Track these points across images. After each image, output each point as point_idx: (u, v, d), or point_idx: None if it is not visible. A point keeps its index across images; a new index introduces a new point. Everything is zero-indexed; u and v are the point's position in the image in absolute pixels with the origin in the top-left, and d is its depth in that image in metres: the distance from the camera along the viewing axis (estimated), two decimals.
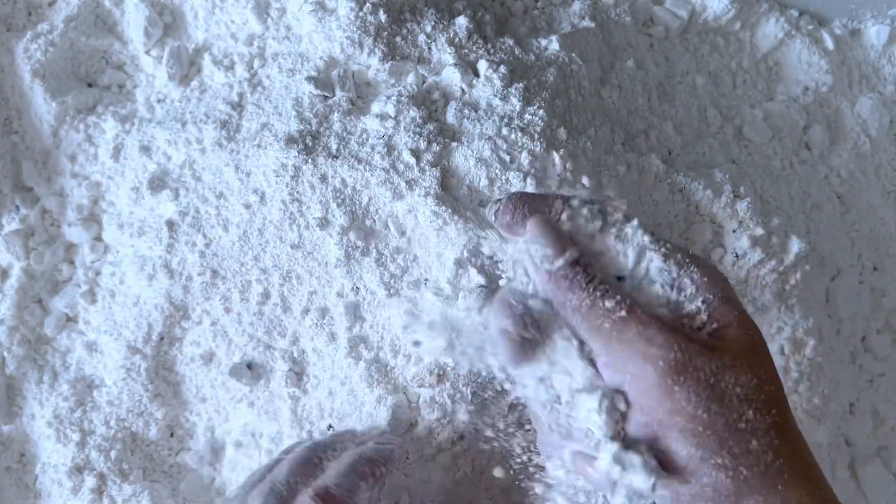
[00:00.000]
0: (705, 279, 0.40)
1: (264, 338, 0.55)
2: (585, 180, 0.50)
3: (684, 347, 0.37)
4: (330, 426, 0.53)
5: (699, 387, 0.37)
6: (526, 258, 0.41)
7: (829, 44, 0.67)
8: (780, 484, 0.36)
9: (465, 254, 0.49)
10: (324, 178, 0.52)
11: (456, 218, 0.49)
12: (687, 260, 0.41)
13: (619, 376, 0.38)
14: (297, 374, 0.54)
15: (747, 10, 0.66)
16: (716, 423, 0.37)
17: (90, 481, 0.56)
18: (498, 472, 0.50)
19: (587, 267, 0.40)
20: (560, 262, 0.40)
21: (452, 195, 0.50)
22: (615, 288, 0.40)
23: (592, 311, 0.39)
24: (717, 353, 0.38)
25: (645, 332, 0.38)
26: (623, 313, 0.38)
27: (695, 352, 0.37)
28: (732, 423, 0.37)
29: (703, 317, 0.40)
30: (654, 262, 0.41)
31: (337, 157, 0.52)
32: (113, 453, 0.56)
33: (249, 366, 0.55)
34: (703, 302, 0.40)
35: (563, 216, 0.41)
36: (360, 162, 0.51)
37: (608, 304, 0.39)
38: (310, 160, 0.52)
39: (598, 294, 0.39)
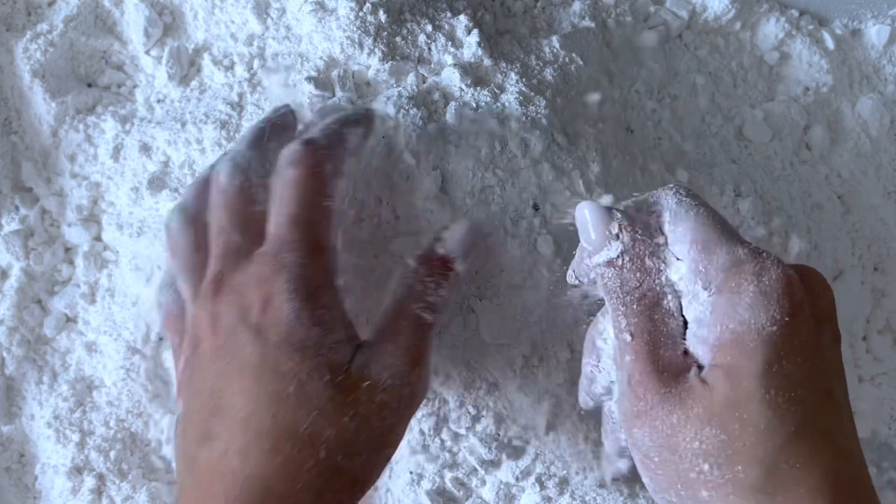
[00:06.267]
0: (727, 306, 0.37)
1: None
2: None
3: (648, 398, 0.37)
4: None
5: (654, 434, 0.37)
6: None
7: (830, 44, 0.67)
8: None
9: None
10: None
11: (454, 220, 0.50)
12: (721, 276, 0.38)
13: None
14: None
15: (747, 11, 0.66)
16: (666, 467, 0.37)
17: (90, 482, 0.56)
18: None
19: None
20: (611, 253, 0.40)
21: (451, 197, 0.50)
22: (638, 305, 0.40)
23: (614, 314, 0.40)
24: (686, 404, 0.37)
25: (634, 365, 0.38)
26: (627, 337, 0.39)
27: (657, 402, 0.37)
28: (684, 471, 0.36)
29: (701, 350, 0.38)
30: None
31: None
32: (112, 454, 0.56)
33: None
34: (710, 331, 0.38)
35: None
36: (359, 163, 0.51)
37: (624, 321, 0.39)
38: None
39: (626, 306, 0.40)
